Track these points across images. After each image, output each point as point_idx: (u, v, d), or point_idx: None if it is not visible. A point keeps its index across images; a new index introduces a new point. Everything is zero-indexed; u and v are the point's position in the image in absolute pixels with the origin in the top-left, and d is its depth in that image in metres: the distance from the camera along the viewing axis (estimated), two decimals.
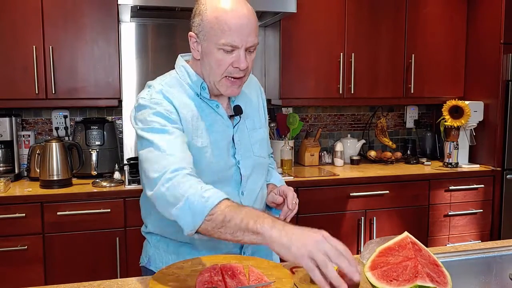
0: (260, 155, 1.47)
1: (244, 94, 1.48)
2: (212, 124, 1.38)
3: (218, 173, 1.38)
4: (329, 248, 0.93)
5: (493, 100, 3.13)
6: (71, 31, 2.65)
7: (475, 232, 3.14)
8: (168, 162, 1.19)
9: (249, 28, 1.28)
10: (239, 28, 1.26)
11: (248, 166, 1.43)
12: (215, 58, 1.30)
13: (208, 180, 1.27)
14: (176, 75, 1.41)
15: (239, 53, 1.28)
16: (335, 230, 2.84)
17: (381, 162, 3.32)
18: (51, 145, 2.58)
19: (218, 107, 1.40)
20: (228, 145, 1.40)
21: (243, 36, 1.27)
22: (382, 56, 3.16)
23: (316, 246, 0.93)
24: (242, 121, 1.44)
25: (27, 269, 2.41)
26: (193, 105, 1.36)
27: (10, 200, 2.38)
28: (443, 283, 1.02)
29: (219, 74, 1.31)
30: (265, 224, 1.01)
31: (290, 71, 3.00)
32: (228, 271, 1.14)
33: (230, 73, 1.31)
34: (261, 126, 1.51)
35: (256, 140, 1.47)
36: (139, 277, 1.31)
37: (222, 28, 1.26)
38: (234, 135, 1.41)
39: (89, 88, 2.70)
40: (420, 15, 3.20)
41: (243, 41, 1.28)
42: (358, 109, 3.56)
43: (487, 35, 3.15)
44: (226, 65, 1.30)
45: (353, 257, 0.93)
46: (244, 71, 1.32)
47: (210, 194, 1.11)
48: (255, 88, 1.55)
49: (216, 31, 1.27)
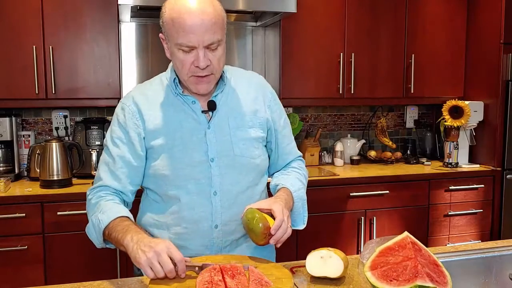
0: (244, 155, 1.42)
1: (235, 92, 1.46)
2: (182, 121, 1.39)
3: (184, 170, 1.37)
4: (162, 261, 1.13)
5: (493, 100, 3.13)
6: (71, 31, 2.65)
7: (475, 232, 3.14)
8: (102, 177, 1.41)
9: (205, 26, 1.27)
10: (193, 28, 1.26)
11: (223, 165, 1.39)
12: (178, 59, 1.33)
13: (178, 176, 1.37)
14: (163, 74, 1.48)
15: (197, 52, 1.29)
16: (335, 230, 2.85)
17: (381, 162, 3.32)
18: (51, 145, 2.58)
19: (195, 103, 1.40)
20: (199, 142, 1.39)
21: (198, 35, 1.27)
22: (382, 56, 3.16)
23: (154, 257, 1.13)
24: (223, 119, 1.42)
25: (27, 269, 2.41)
26: (167, 103, 1.41)
27: (10, 200, 2.38)
28: (443, 283, 1.02)
29: (184, 74, 1.34)
30: (126, 238, 1.21)
31: (290, 71, 3.00)
32: (228, 271, 1.14)
33: (194, 72, 1.33)
34: (254, 126, 1.45)
35: (241, 139, 1.42)
36: (139, 277, 1.31)
37: (177, 29, 1.28)
38: (207, 132, 1.39)
39: (89, 88, 2.70)
40: (420, 15, 3.20)
41: (199, 41, 1.27)
42: (358, 109, 3.56)
43: (487, 35, 3.15)
44: (188, 65, 1.32)
45: (182, 264, 1.14)
46: (207, 69, 1.32)
47: (102, 218, 1.31)
48: (255, 88, 1.50)
49: (173, 32, 1.29)
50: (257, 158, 1.46)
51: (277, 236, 1.25)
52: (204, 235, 1.40)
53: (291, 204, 1.43)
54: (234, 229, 1.43)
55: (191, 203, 1.39)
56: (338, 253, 1.21)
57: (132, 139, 1.40)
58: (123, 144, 1.40)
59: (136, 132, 1.40)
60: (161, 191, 1.42)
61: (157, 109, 1.41)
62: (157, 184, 1.42)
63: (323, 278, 1.22)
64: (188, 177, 1.38)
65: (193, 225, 1.39)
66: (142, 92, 1.44)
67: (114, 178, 1.40)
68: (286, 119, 1.58)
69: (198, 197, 1.39)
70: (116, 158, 1.40)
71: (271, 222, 1.25)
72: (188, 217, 1.39)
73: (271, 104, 1.51)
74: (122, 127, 1.41)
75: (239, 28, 3.22)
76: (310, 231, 2.79)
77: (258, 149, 1.46)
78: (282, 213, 1.28)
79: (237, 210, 1.40)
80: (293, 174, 1.55)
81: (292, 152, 1.60)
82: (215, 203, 1.39)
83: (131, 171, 1.41)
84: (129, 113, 1.41)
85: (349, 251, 2.86)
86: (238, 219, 1.40)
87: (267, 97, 1.51)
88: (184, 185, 1.38)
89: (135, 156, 1.40)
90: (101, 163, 1.44)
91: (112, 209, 1.32)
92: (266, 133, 1.50)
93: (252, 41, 3.26)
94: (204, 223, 1.40)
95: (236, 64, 3.22)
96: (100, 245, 1.37)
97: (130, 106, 1.42)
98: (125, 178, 1.40)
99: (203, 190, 1.39)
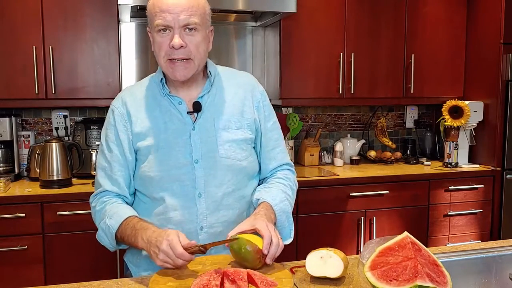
0: (229, 156, 1.40)
1: (222, 92, 1.45)
2: (168, 122, 1.40)
3: (169, 171, 1.37)
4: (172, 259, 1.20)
5: (493, 100, 3.13)
6: (71, 31, 2.65)
7: (475, 232, 3.14)
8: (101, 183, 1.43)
9: (181, 6, 1.31)
10: (169, 7, 1.31)
11: (208, 166, 1.38)
12: (156, 42, 1.37)
13: (163, 178, 1.37)
14: (152, 75, 1.49)
15: (173, 33, 1.32)
16: (335, 230, 2.85)
17: (381, 162, 3.32)
18: (51, 145, 2.58)
19: (181, 104, 1.41)
20: (184, 143, 1.38)
21: (174, 14, 1.31)
22: (382, 56, 3.16)
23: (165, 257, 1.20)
24: (209, 119, 1.41)
25: (27, 269, 2.41)
26: (154, 104, 1.42)
27: (10, 200, 2.38)
28: (443, 283, 1.02)
29: (161, 57, 1.36)
30: (139, 242, 1.28)
31: (290, 71, 3.00)
32: (230, 276, 1.13)
33: (169, 55, 1.34)
34: (242, 128, 1.43)
35: (226, 141, 1.40)
36: (139, 277, 1.31)
37: (155, 10, 1.33)
38: (191, 133, 1.39)
39: (89, 88, 2.70)
40: (420, 15, 3.20)
41: (175, 20, 1.31)
42: (358, 109, 3.56)
43: (487, 35, 3.15)
44: (165, 47, 1.34)
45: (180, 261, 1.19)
46: (182, 51, 1.33)
47: (111, 223, 1.35)
48: (244, 88, 1.48)
49: (152, 15, 1.35)
50: (244, 160, 1.43)
51: (272, 253, 1.21)
52: (190, 237, 1.36)
53: (273, 217, 1.38)
54: (221, 231, 1.41)
55: (175, 204, 1.38)
56: (338, 253, 1.21)
57: (123, 141, 1.41)
58: (117, 146, 1.42)
59: (126, 134, 1.41)
60: (148, 193, 1.42)
61: (144, 110, 1.41)
62: (144, 186, 1.42)
63: (323, 278, 1.22)
64: (173, 179, 1.38)
65: (178, 227, 1.38)
66: (131, 93, 1.46)
67: (112, 183, 1.42)
68: (275, 123, 1.53)
69: (183, 199, 1.38)
70: (111, 162, 1.42)
71: (260, 242, 1.21)
72: (173, 219, 1.39)
73: (259, 105, 1.49)
74: (113, 129, 1.43)
75: (239, 28, 3.22)
76: (310, 231, 2.80)
77: (245, 151, 1.44)
78: (268, 228, 1.24)
79: (224, 213, 1.40)
80: (276, 185, 1.48)
81: (277, 158, 1.52)
82: (199, 205, 1.38)
83: (127, 174, 1.43)
84: (118, 115, 1.42)
85: (349, 251, 2.86)
86: (224, 221, 1.40)
87: (256, 97, 1.49)
88: (169, 186, 1.38)
89: (128, 158, 1.41)
90: (98, 168, 1.46)
91: (118, 212, 1.36)
92: (254, 135, 1.47)
93: (252, 41, 3.26)
94: (189, 225, 1.39)
95: (236, 64, 3.22)
96: (114, 249, 1.43)
97: (119, 108, 1.43)
98: (123, 181, 1.42)
99: (188, 192, 1.38)
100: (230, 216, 1.43)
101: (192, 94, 1.43)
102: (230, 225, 1.40)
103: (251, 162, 1.47)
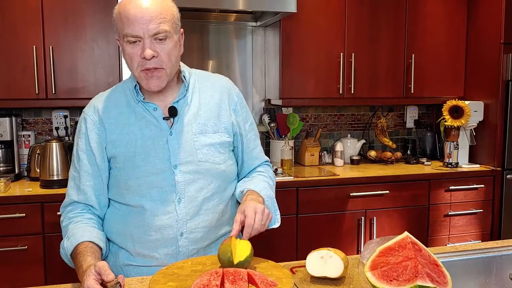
0: (208, 160, 1.39)
1: (198, 96, 1.43)
2: (143, 128, 1.37)
3: (147, 178, 1.35)
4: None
5: (493, 100, 3.13)
6: (71, 31, 2.65)
7: (475, 232, 3.14)
8: (70, 193, 1.42)
9: (149, 16, 1.27)
10: (137, 18, 1.27)
11: (187, 171, 1.37)
12: (126, 53, 1.32)
13: (141, 185, 1.35)
14: (125, 81, 1.46)
15: (144, 43, 1.29)
16: (335, 230, 2.85)
17: (381, 162, 3.32)
18: (51, 145, 2.58)
19: (156, 110, 1.39)
20: (161, 149, 1.36)
21: (142, 24, 1.27)
22: (382, 56, 3.16)
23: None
24: (185, 124, 1.39)
25: (27, 269, 2.41)
26: (128, 111, 1.39)
27: (10, 200, 2.38)
28: (443, 283, 1.02)
29: (134, 69, 1.33)
30: (79, 274, 1.21)
31: (290, 71, 3.00)
32: (230, 276, 1.13)
33: (142, 66, 1.31)
34: (219, 131, 1.43)
35: (204, 145, 1.39)
36: (139, 277, 1.31)
37: (123, 20, 1.29)
38: (169, 138, 1.37)
39: (89, 88, 2.70)
40: (420, 15, 3.20)
41: (144, 30, 1.28)
42: (358, 109, 3.56)
43: (487, 35, 3.15)
44: (136, 58, 1.31)
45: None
46: (154, 61, 1.30)
47: (67, 245, 1.31)
48: (220, 91, 1.47)
49: (119, 25, 1.31)
50: (222, 164, 1.42)
51: (246, 233, 1.26)
52: (170, 243, 1.37)
53: (261, 200, 1.39)
54: (201, 237, 1.39)
55: (155, 210, 1.36)
56: (338, 253, 1.21)
57: (94, 149, 1.38)
58: (86, 156, 1.39)
59: (98, 142, 1.39)
60: (125, 200, 1.39)
61: (118, 117, 1.39)
62: (120, 194, 1.40)
63: (323, 278, 1.22)
64: (151, 185, 1.36)
65: (157, 233, 1.36)
66: (103, 100, 1.42)
67: (79, 193, 1.40)
68: (252, 124, 1.54)
69: (162, 205, 1.36)
70: (81, 172, 1.39)
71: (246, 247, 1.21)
72: (152, 225, 1.36)
73: (236, 108, 1.48)
74: (84, 138, 1.40)
75: (239, 28, 3.22)
76: (310, 231, 2.80)
77: (223, 154, 1.43)
78: (253, 210, 1.27)
79: (204, 218, 1.38)
80: (257, 177, 1.51)
81: (259, 157, 1.56)
82: (179, 210, 1.36)
83: (98, 183, 1.40)
84: (90, 123, 1.40)
85: (349, 251, 2.86)
86: (204, 226, 1.39)
87: (233, 100, 1.49)
88: (148, 193, 1.36)
89: (101, 167, 1.39)
90: (69, 177, 1.44)
91: (75, 235, 1.32)
92: (232, 138, 1.47)
93: (252, 41, 3.26)
94: (169, 230, 1.36)
95: (236, 64, 3.22)
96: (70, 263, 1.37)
97: (91, 116, 1.40)
98: (91, 191, 1.39)
99: (167, 197, 1.36)
100: (211, 221, 1.41)
101: (167, 99, 1.41)
102: (210, 231, 1.40)
103: (230, 165, 1.47)
